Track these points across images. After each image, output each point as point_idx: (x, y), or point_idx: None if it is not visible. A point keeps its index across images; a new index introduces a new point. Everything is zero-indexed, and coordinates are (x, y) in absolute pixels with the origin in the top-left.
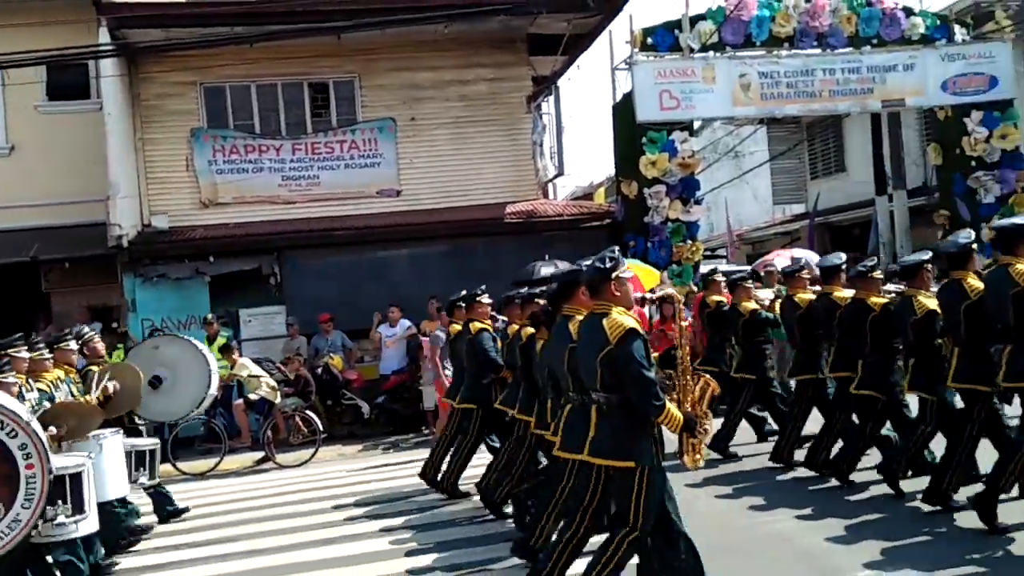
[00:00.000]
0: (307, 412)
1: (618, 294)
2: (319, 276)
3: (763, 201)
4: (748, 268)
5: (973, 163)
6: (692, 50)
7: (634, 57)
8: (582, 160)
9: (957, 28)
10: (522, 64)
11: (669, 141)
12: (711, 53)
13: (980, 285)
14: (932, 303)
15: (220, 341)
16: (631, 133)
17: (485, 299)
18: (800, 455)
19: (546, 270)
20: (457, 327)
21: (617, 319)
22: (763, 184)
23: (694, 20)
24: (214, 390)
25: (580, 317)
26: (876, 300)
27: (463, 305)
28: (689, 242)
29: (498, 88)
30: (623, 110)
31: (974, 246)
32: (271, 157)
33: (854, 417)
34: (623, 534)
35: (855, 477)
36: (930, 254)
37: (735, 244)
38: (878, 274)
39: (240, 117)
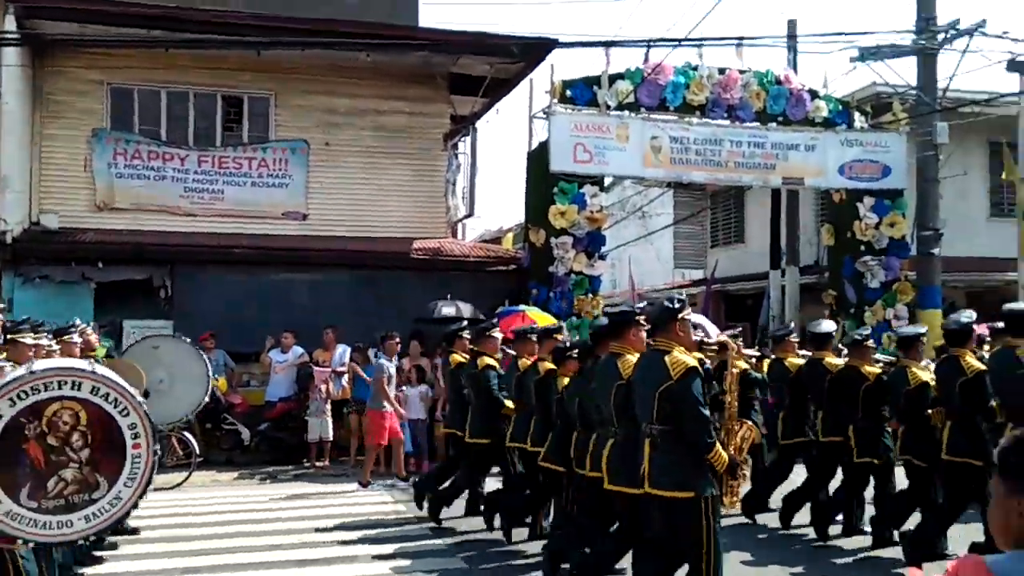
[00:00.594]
0: (184, 433)
1: (682, 334)
2: (212, 293)
3: (665, 263)
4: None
5: (862, 247)
6: (609, 107)
7: (552, 108)
8: (494, 203)
9: (857, 115)
10: (442, 101)
11: (580, 194)
12: (627, 112)
13: (977, 364)
14: (925, 375)
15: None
16: (543, 182)
17: (496, 333)
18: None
19: (447, 310)
20: (459, 358)
21: (679, 357)
22: (666, 246)
23: (613, 78)
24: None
25: (631, 356)
26: (870, 369)
27: (467, 337)
28: (591, 296)
29: (416, 122)
30: (538, 158)
31: (975, 326)
32: (175, 166)
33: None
34: (704, 564)
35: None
36: (926, 328)
37: (635, 303)
38: (871, 343)
39: (147, 122)
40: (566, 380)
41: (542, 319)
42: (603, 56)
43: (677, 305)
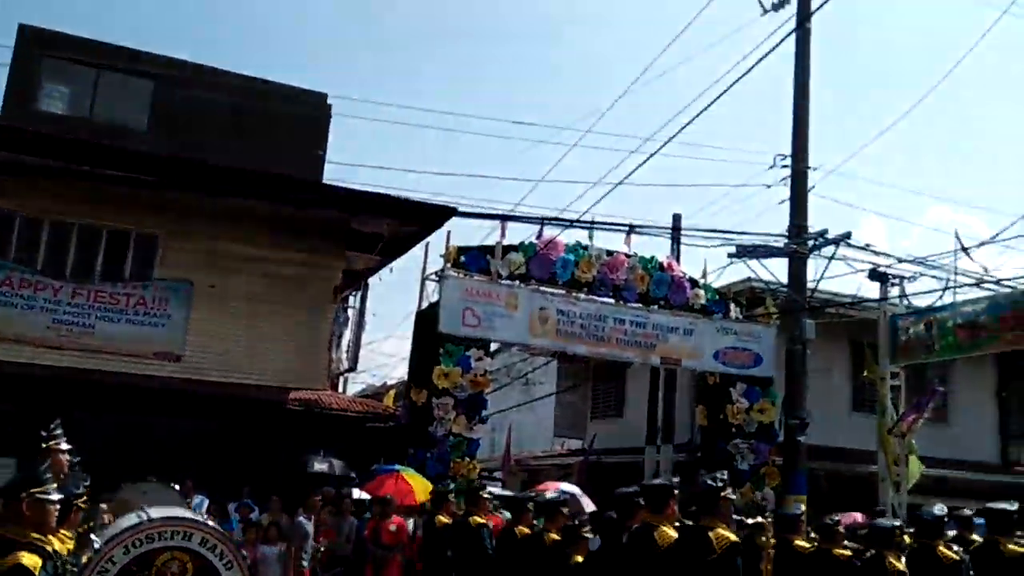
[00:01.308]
0: None
1: (724, 511)
2: (67, 431)
3: (545, 431)
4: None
5: (733, 430)
6: (500, 276)
7: (446, 272)
8: (380, 360)
9: (733, 306)
10: (336, 255)
11: (465, 356)
12: (517, 282)
13: (952, 554)
14: (901, 564)
15: None
16: (430, 342)
17: (486, 493)
18: None
19: (319, 466)
20: (444, 519)
21: (724, 533)
22: (547, 414)
23: (507, 249)
24: None
25: (667, 528)
26: (841, 552)
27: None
28: (467, 459)
29: (307, 273)
30: (427, 319)
31: (946, 519)
32: (47, 296)
33: None
34: None
35: None
36: (900, 522)
37: (512, 470)
38: (841, 528)
39: (25, 249)
40: (579, 558)
41: (417, 480)
42: (499, 227)
43: (720, 484)
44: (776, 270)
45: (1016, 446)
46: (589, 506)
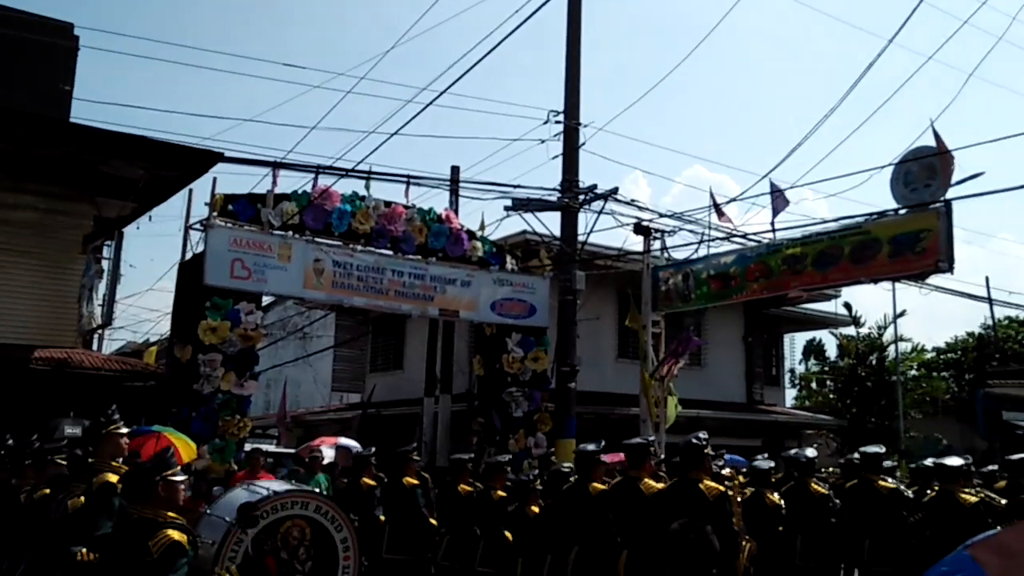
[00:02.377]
0: None
1: (707, 466)
2: None
3: (323, 386)
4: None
5: (509, 379)
6: (272, 226)
7: (211, 220)
8: (140, 316)
9: (509, 258)
10: (84, 201)
11: (234, 310)
12: (290, 233)
13: (822, 490)
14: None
15: None
16: (195, 295)
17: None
18: None
19: (71, 429)
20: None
21: (712, 484)
22: (326, 369)
23: (279, 198)
24: None
25: (649, 481)
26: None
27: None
28: (238, 417)
29: (51, 221)
30: (191, 271)
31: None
32: None
33: None
34: None
35: None
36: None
37: (288, 426)
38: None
39: None
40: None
41: (180, 441)
42: (270, 176)
43: (703, 442)
44: (550, 223)
45: (759, 386)
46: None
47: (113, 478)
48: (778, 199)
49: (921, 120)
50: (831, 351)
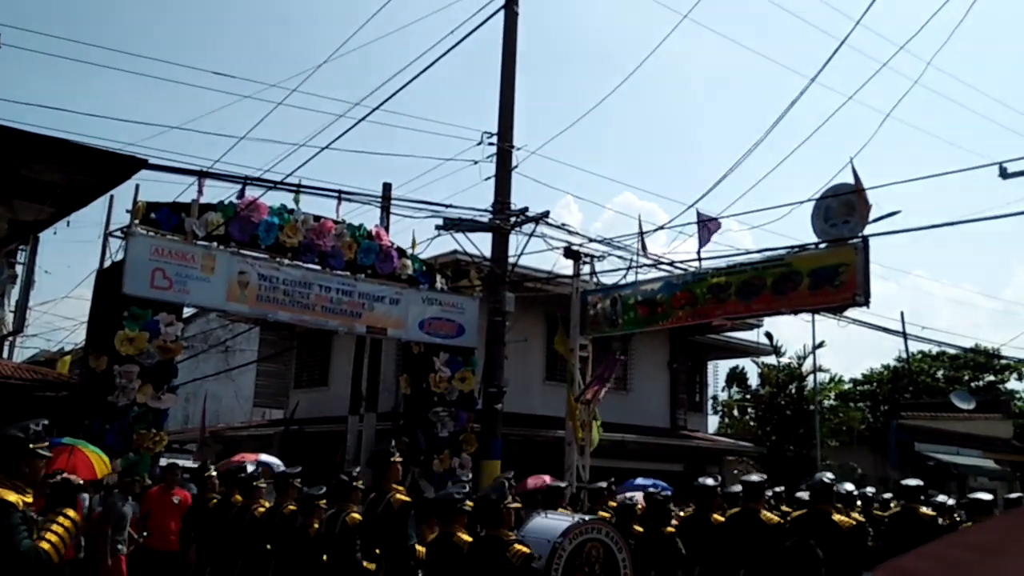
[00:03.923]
0: None
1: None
2: None
3: (244, 401)
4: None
5: (436, 398)
6: (196, 236)
7: (132, 228)
8: (55, 323)
9: (439, 277)
10: None
11: (153, 321)
12: (215, 244)
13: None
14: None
15: None
16: (113, 304)
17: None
18: None
19: None
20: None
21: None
22: (248, 384)
23: (204, 208)
24: None
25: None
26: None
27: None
28: (154, 431)
29: None
30: (109, 278)
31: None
32: None
33: None
34: None
35: None
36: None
37: (207, 441)
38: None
39: None
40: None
41: (93, 454)
42: (195, 185)
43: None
44: (480, 244)
45: (682, 412)
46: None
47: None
48: (705, 229)
49: (842, 157)
50: (753, 379)
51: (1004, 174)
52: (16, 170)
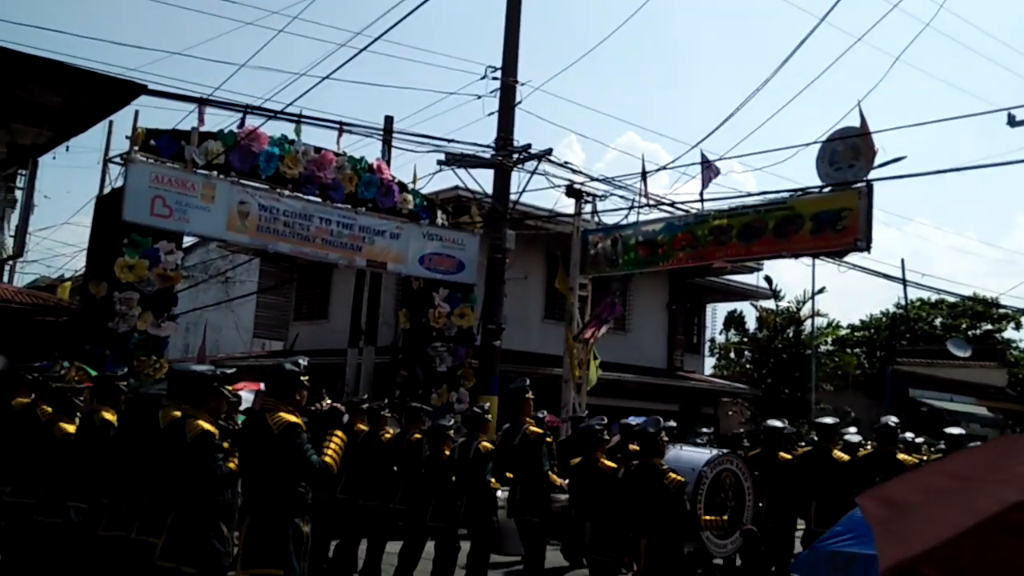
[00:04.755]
0: None
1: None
2: None
3: (244, 332)
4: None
5: (434, 334)
6: (196, 165)
7: (132, 154)
8: (55, 249)
9: (440, 213)
10: None
11: (153, 249)
12: (215, 173)
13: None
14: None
15: None
16: (113, 231)
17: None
18: None
19: None
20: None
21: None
22: (248, 315)
23: (204, 136)
24: None
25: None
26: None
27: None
28: (154, 358)
29: None
30: (109, 205)
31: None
32: None
33: None
34: None
35: None
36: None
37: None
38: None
39: None
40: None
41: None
42: (195, 113)
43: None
44: (483, 180)
45: (679, 353)
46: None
47: None
48: (708, 170)
49: (849, 100)
50: (751, 323)
51: (1012, 122)
52: (12, 92)
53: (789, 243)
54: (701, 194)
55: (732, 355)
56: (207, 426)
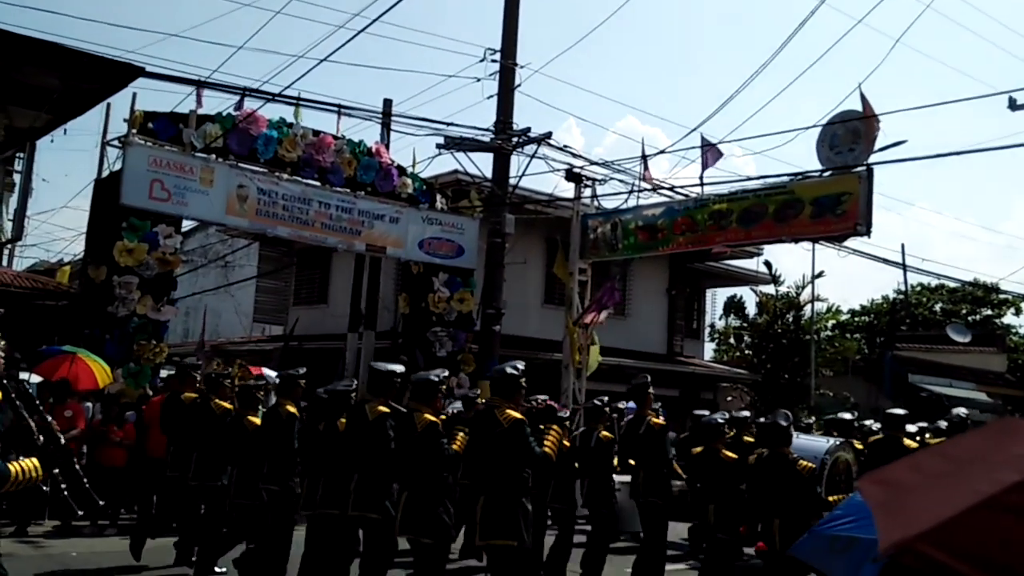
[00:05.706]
0: None
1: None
2: None
3: (244, 316)
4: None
5: (434, 318)
6: (194, 148)
7: (130, 137)
8: (54, 233)
9: (439, 197)
10: None
11: (152, 232)
12: (213, 156)
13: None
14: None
15: None
16: (112, 215)
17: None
18: None
19: None
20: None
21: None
22: (247, 299)
23: (202, 119)
24: None
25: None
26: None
27: None
28: (154, 342)
29: None
30: (107, 188)
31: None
32: None
33: None
34: None
35: None
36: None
37: (208, 354)
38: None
39: None
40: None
41: (94, 363)
42: (193, 96)
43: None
44: (482, 164)
45: (679, 339)
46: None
47: None
48: (708, 153)
49: (849, 84)
50: (751, 308)
51: (1013, 105)
52: (9, 74)
53: (789, 227)
54: (701, 178)
55: (732, 340)
56: (432, 418)
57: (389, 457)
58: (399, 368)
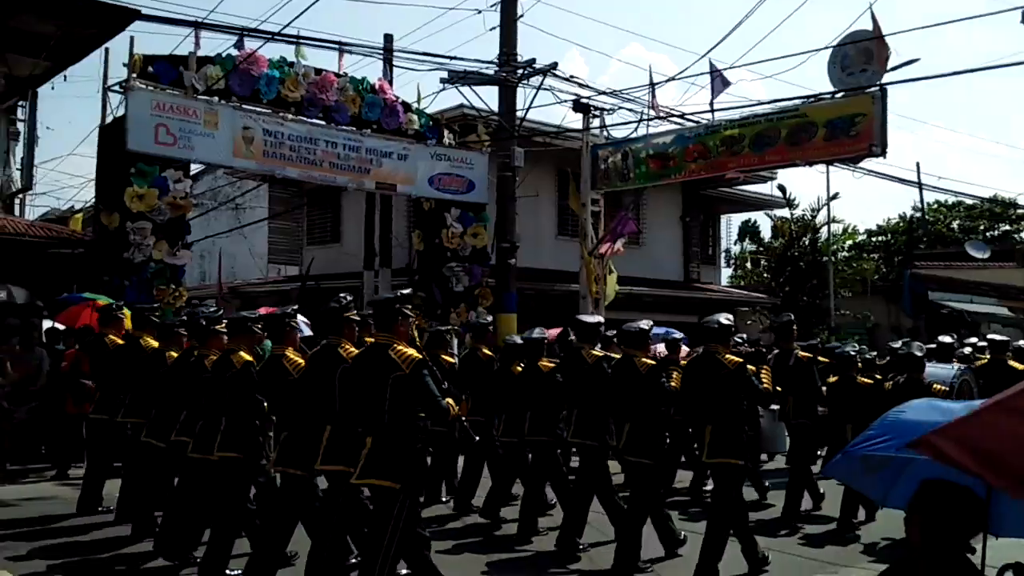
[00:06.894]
0: None
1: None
2: None
3: (259, 258)
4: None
5: (449, 254)
6: (196, 91)
7: (131, 82)
8: (62, 181)
9: (447, 132)
10: None
11: (161, 177)
12: (216, 99)
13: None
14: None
15: None
16: (119, 161)
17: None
18: None
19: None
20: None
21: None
22: (261, 241)
23: (202, 61)
24: None
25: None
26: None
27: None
28: (173, 286)
29: None
30: (112, 134)
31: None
32: None
33: None
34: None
35: None
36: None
37: (225, 297)
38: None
39: None
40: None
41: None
42: (191, 38)
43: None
44: (488, 98)
45: (695, 265)
46: (307, 330)
47: None
48: (718, 80)
49: (861, 3)
50: (766, 232)
51: None
52: (5, 22)
53: (803, 151)
54: (711, 104)
55: (748, 265)
56: (651, 361)
57: (606, 394)
58: (601, 319)
